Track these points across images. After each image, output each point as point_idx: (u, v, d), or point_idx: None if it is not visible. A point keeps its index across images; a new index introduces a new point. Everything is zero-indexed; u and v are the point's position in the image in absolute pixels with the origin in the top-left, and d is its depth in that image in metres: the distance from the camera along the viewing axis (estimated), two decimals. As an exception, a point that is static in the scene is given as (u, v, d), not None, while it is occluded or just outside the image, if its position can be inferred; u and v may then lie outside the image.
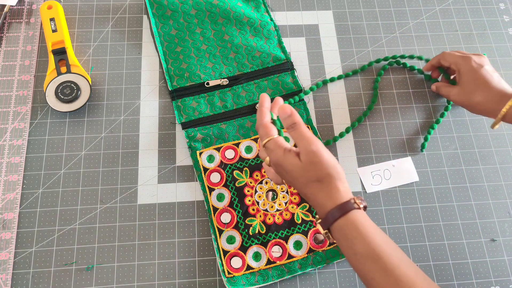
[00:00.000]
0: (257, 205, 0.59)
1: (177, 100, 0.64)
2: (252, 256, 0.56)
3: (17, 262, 0.55)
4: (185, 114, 0.63)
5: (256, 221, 0.58)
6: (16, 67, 0.65)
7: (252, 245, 0.57)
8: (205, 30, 0.68)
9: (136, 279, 0.55)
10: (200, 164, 0.61)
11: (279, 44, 0.69)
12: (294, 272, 0.56)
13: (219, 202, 0.59)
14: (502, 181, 0.63)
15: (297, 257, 0.56)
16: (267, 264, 0.56)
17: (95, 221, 0.58)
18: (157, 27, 0.68)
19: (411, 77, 0.69)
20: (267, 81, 0.66)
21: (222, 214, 0.58)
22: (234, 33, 0.68)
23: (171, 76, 0.66)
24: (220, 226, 0.57)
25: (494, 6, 0.76)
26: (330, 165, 0.45)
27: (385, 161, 0.63)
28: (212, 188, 0.59)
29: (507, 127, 0.67)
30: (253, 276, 0.55)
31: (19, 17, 0.69)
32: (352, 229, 0.43)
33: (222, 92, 0.65)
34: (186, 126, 0.63)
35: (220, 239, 0.57)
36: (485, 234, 0.60)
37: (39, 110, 0.63)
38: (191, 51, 0.67)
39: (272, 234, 0.57)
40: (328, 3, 0.74)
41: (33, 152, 0.61)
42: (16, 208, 0.57)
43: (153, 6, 0.69)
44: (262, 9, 0.71)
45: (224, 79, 0.65)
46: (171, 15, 0.69)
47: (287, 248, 0.57)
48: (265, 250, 0.57)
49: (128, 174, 0.60)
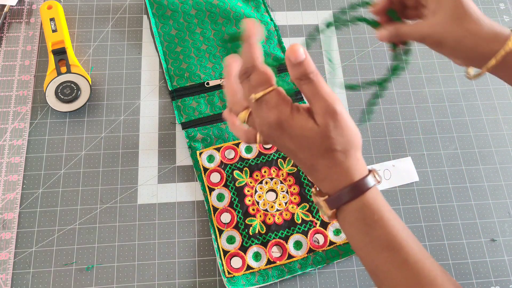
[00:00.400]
0: (257, 205, 0.59)
1: (177, 100, 0.64)
2: (252, 256, 0.56)
3: (17, 262, 0.55)
4: (185, 114, 0.63)
5: (256, 221, 0.58)
6: (16, 67, 0.65)
7: (252, 245, 0.57)
8: (205, 30, 0.68)
9: (136, 279, 0.55)
10: (200, 164, 0.61)
11: (279, 44, 0.69)
12: (294, 272, 0.56)
13: (219, 202, 0.59)
14: (502, 181, 0.63)
15: (297, 257, 0.56)
16: (267, 264, 0.56)
17: (95, 221, 0.58)
18: (157, 27, 0.68)
19: (411, 77, 0.69)
20: None
21: (222, 214, 0.58)
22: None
23: (171, 76, 0.66)
24: (220, 226, 0.57)
25: (494, 6, 0.76)
26: (354, 132, 0.37)
27: (385, 161, 0.63)
28: (212, 188, 0.59)
29: (507, 127, 0.67)
30: (253, 276, 0.55)
31: (19, 17, 0.69)
32: (372, 212, 0.36)
33: (222, 92, 0.65)
34: (186, 126, 0.63)
35: (220, 239, 0.57)
36: (485, 234, 0.60)
37: (39, 110, 0.63)
38: (191, 51, 0.67)
39: (272, 234, 0.57)
40: (328, 3, 0.74)
41: (33, 152, 0.61)
42: (16, 208, 0.57)
43: (153, 6, 0.69)
44: (262, 9, 0.71)
45: None
46: (171, 15, 0.69)
47: (287, 248, 0.57)
48: (265, 250, 0.57)
49: (128, 174, 0.60)
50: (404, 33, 0.45)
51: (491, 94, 0.69)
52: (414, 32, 0.44)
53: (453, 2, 0.42)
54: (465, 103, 0.68)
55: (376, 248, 0.36)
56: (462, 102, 0.68)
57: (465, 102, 0.68)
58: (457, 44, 0.42)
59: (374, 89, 0.51)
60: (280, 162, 0.61)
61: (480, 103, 0.68)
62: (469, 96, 0.69)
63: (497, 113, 0.68)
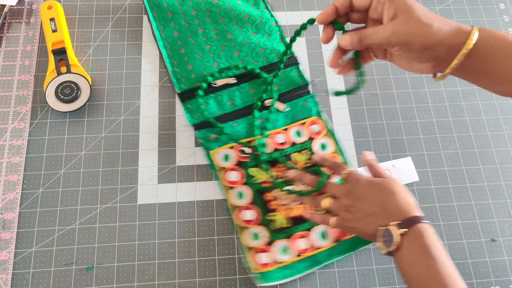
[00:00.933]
0: (277, 200, 0.59)
1: (186, 102, 0.64)
2: (280, 251, 0.57)
3: (17, 262, 0.55)
4: (196, 116, 0.63)
5: (279, 215, 0.58)
6: (16, 67, 0.65)
7: (278, 239, 0.57)
8: (207, 30, 0.68)
9: (136, 279, 0.55)
10: (216, 164, 0.61)
11: (281, 39, 0.69)
12: (322, 263, 0.56)
13: (240, 199, 0.59)
14: (502, 181, 0.63)
15: (323, 247, 0.57)
16: (295, 257, 0.56)
17: (95, 221, 0.58)
18: (159, 30, 0.68)
19: (411, 77, 0.69)
20: (273, 77, 0.66)
21: (244, 211, 0.58)
22: (236, 31, 0.68)
23: (178, 79, 0.66)
24: (242, 224, 0.58)
25: (494, 6, 0.76)
26: None
27: (385, 161, 0.63)
28: (230, 186, 0.60)
29: (507, 127, 0.67)
30: (283, 270, 0.56)
31: (19, 17, 0.69)
32: (431, 237, 0.44)
33: (230, 91, 0.65)
34: (198, 127, 0.63)
35: (244, 236, 0.57)
36: (485, 234, 0.60)
37: (39, 110, 0.63)
38: (195, 52, 0.67)
39: (297, 227, 0.58)
40: (328, 3, 0.74)
41: (33, 152, 0.61)
42: (16, 208, 0.57)
43: (153, 9, 0.69)
44: (262, 6, 0.71)
45: (232, 77, 0.65)
46: (171, 17, 0.68)
47: (313, 239, 0.57)
48: (292, 243, 0.57)
49: (128, 174, 0.60)
50: (369, 37, 0.44)
51: (491, 94, 0.68)
52: (379, 36, 0.43)
53: (409, 5, 0.42)
54: (465, 103, 0.68)
55: (430, 275, 0.43)
56: (462, 102, 0.68)
57: (465, 102, 0.68)
58: (424, 41, 0.42)
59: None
60: (295, 155, 0.62)
61: (480, 103, 0.68)
62: (469, 96, 0.69)
63: (497, 113, 0.68)
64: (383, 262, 0.58)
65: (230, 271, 0.56)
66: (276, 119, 0.64)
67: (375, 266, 0.57)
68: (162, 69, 0.67)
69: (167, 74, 0.66)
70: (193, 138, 0.63)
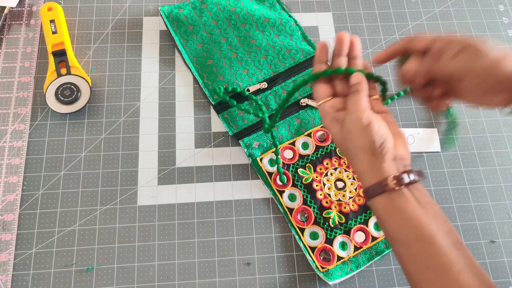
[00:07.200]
0: (329, 197, 0.60)
1: (222, 112, 0.64)
2: (339, 246, 0.57)
3: (17, 263, 0.55)
4: (235, 125, 0.63)
5: (333, 212, 0.59)
6: (16, 69, 0.65)
7: (336, 236, 0.58)
8: (230, 39, 0.68)
9: (136, 281, 0.55)
10: (263, 170, 0.61)
11: (304, 38, 0.69)
12: (382, 253, 0.57)
13: (292, 202, 0.59)
14: (501, 182, 0.63)
15: (380, 237, 0.58)
16: (354, 251, 0.57)
17: (95, 222, 0.58)
18: (182, 45, 0.67)
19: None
20: (303, 76, 0.66)
21: (299, 213, 0.59)
22: (259, 36, 0.68)
23: (210, 90, 0.65)
24: (300, 225, 0.58)
25: (493, 8, 0.76)
26: None
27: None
28: (281, 190, 0.60)
29: (506, 128, 0.67)
30: (345, 265, 0.56)
31: (19, 18, 0.69)
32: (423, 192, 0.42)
33: (264, 95, 0.65)
34: (239, 136, 0.63)
35: (304, 237, 0.58)
36: (484, 236, 0.60)
37: (39, 112, 0.63)
38: (223, 62, 0.66)
39: (352, 221, 0.58)
40: (327, 4, 0.74)
41: (33, 153, 0.61)
42: (16, 210, 0.58)
43: (173, 24, 0.68)
44: (278, 8, 0.71)
45: (263, 82, 0.65)
46: (193, 29, 0.68)
47: (369, 231, 0.58)
48: (349, 238, 0.58)
49: (128, 175, 0.60)
50: (437, 68, 0.44)
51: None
52: (443, 68, 0.43)
53: (474, 41, 0.42)
54: (465, 105, 0.68)
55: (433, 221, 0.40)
56: (461, 104, 0.68)
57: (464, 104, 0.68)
58: (484, 73, 0.41)
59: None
60: (338, 151, 0.62)
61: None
62: (469, 97, 0.69)
63: (496, 114, 0.68)
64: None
65: (230, 272, 0.56)
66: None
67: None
68: (162, 70, 0.67)
69: (171, 78, 0.67)
70: (193, 140, 0.63)
